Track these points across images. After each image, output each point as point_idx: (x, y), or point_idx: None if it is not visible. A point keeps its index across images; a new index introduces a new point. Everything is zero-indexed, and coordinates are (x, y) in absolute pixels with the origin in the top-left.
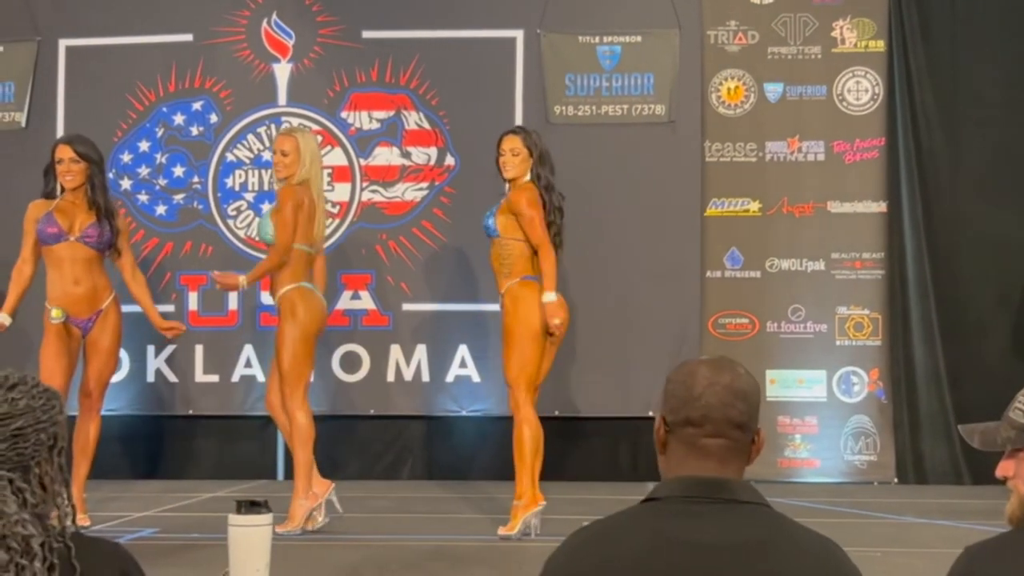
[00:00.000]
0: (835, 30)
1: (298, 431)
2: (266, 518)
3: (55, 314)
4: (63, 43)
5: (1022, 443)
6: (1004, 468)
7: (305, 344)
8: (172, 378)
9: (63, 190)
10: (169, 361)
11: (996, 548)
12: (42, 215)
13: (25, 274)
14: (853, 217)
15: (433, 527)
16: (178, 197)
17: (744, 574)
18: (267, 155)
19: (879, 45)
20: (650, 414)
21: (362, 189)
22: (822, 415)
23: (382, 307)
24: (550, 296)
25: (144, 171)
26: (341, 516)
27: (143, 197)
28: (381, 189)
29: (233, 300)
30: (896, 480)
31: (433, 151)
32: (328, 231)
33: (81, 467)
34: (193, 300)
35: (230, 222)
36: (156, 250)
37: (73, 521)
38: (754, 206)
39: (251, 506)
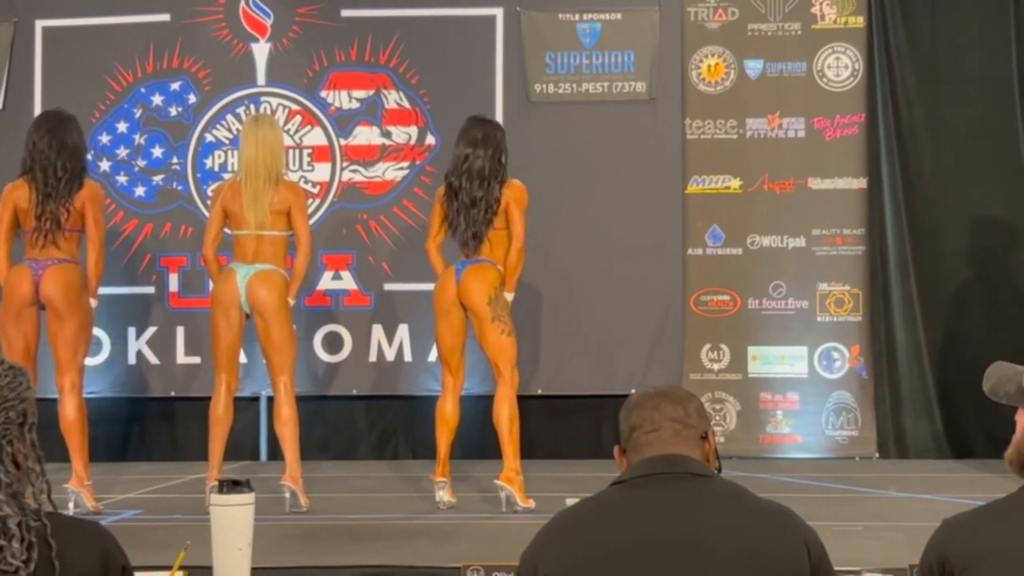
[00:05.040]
0: (815, 6)
1: None
2: (248, 497)
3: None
4: (40, 24)
5: (1018, 402)
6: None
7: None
8: (154, 360)
9: None
10: (150, 343)
11: (972, 521)
12: None
13: None
14: (834, 193)
15: (417, 506)
16: (157, 178)
17: (702, 531)
18: None
19: (859, 21)
20: (633, 392)
21: (342, 169)
22: (803, 391)
23: (364, 287)
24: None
25: (123, 152)
26: (324, 496)
27: (122, 178)
28: (361, 169)
29: None
30: (877, 455)
31: (414, 130)
32: (309, 211)
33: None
34: (174, 281)
35: (210, 203)
36: (136, 232)
37: (49, 498)
38: (735, 183)
39: (233, 485)
